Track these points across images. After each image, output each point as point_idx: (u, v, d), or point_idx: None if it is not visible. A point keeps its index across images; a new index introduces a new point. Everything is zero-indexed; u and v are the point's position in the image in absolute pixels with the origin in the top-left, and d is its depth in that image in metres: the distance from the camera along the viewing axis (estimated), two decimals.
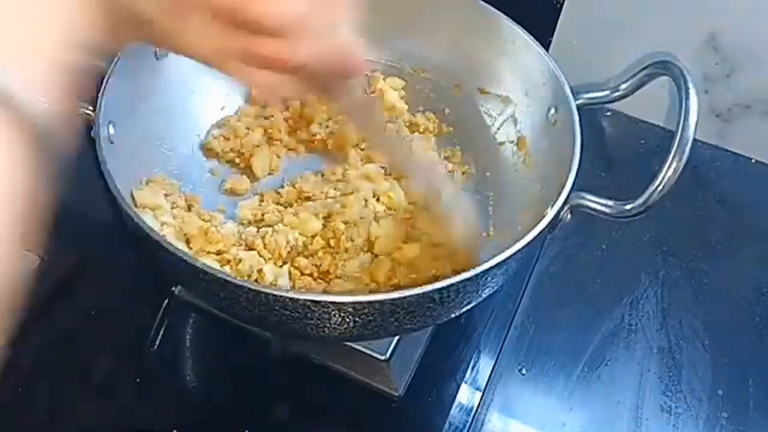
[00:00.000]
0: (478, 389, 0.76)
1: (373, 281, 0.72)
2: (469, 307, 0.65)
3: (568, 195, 0.65)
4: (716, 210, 0.96)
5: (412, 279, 0.73)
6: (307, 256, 0.74)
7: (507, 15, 0.80)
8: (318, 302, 0.56)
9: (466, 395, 0.76)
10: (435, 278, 0.71)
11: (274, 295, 0.56)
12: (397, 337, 0.75)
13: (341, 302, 0.56)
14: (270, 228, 0.76)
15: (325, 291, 0.71)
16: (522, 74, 0.81)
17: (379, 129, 0.76)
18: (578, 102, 0.72)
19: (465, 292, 0.61)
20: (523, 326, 0.82)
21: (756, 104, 0.96)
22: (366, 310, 0.57)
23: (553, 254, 0.89)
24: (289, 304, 0.56)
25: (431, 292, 0.57)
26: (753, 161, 1.02)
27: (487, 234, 0.80)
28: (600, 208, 0.65)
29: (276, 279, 0.72)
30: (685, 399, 0.78)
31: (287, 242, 0.74)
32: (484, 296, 0.65)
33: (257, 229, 0.77)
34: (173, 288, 0.79)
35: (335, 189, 0.81)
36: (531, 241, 0.61)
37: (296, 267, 0.74)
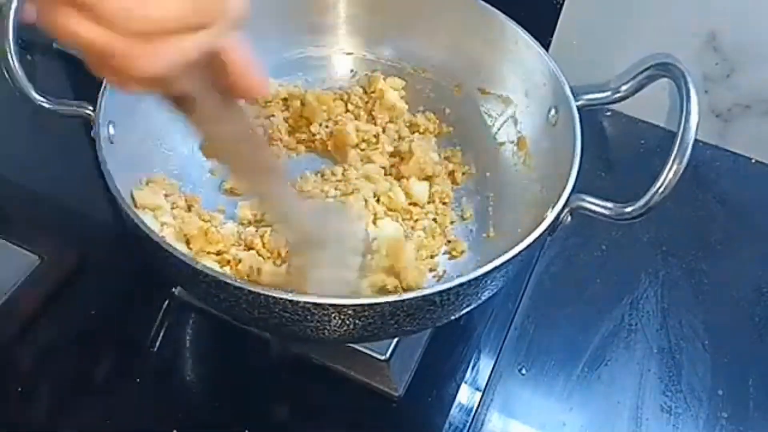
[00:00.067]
0: (478, 389, 0.76)
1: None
2: (469, 310, 0.66)
3: (569, 197, 0.65)
4: (716, 210, 0.96)
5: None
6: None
7: (507, 15, 0.80)
8: (318, 305, 0.56)
9: (466, 395, 0.76)
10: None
11: (274, 298, 0.56)
12: (397, 338, 0.75)
13: (341, 305, 0.56)
14: (269, 228, 0.76)
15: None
16: (522, 74, 0.81)
17: (263, 167, 0.60)
18: (579, 103, 0.72)
19: (465, 295, 0.61)
20: (523, 326, 0.82)
21: (756, 104, 0.96)
22: (366, 313, 0.57)
23: (553, 254, 0.89)
24: (289, 307, 0.56)
25: (431, 295, 0.57)
26: (753, 161, 1.02)
27: (487, 235, 0.80)
28: (600, 210, 0.65)
29: (274, 278, 0.72)
30: (685, 399, 0.78)
31: (287, 242, 0.74)
32: (484, 299, 0.65)
33: (256, 229, 0.77)
34: (173, 288, 0.79)
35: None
36: (531, 244, 0.61)
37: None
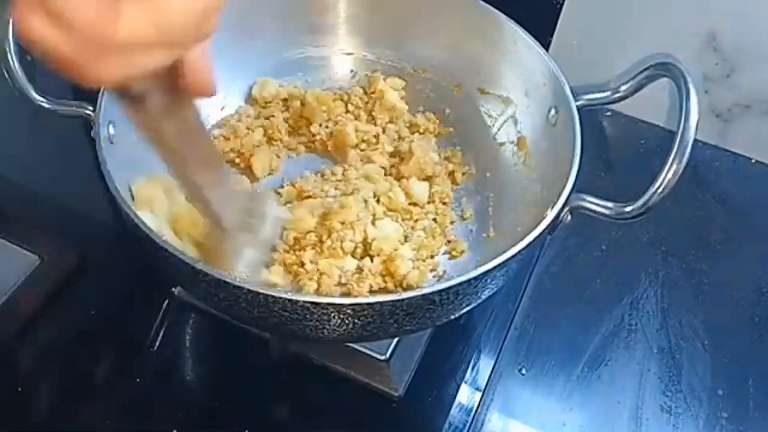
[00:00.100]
0: (478, 389, 0.76)
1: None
2: (469, 309, 0.66)
3: (568, 196, 0.65)
4: (716, 210, 0.96)
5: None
6: (296, 251, 0.75)
7: (507, 15, 0.80)
8: (317, 304, 0.56)
9: (466, 395, 0.76)
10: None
11: (273, 297, 0.56)
12: (397, 338, 0.75)
13: (340, 304, 0.56)
14: None
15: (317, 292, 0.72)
16: (522, 75, 0.81)
17: (206, 163, 0.59)
18: (578, 103, 0.72)
19: (465, 294, 0.61)
20: (523, 326, 0.82)
21: (756, 104, 0.96)
22: (365, 312, 0.57)
23: (553, 254, 0.89)
24: (288, 306, 0.56)
25: (431, 294, 0.57)
26: (753, 161, 1.02)
27: (487, 235, 0.80)
28: (600, 210, 0.65)
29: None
30: (685, 399, 0.78)
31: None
32: (484, 298, 0.65)
33: None
34: (173, 288, 0.79)
35: (335, 189, 0.81)
36: (530, 243, 0.61)
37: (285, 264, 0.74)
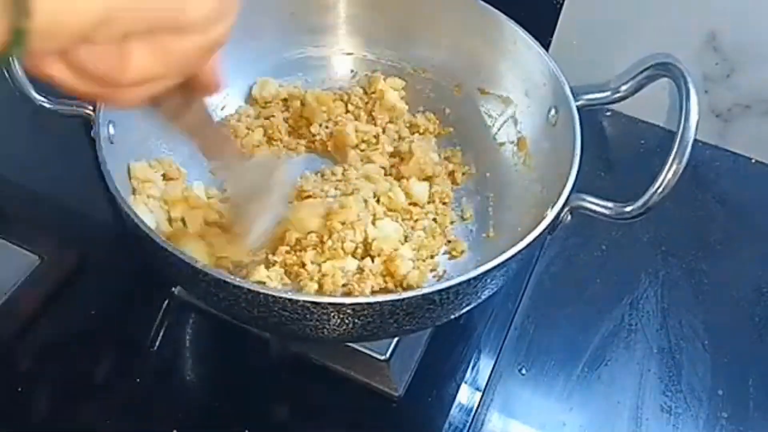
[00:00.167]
0: (478, 389, 0.76)
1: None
2: (469, 309, 0.66)
3: (568, 196, 0.65)
4: (716, 210, 0.96)
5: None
6: (297, 252, 0.75)
7: (507, 15, 0.80)
8: (317, 303, 0.56)
9: (466, 395, 0.76)
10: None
11: (273, 296, 0.56)
12: (397, 338, 0.75)
13: (340, 303, 0.56)
14: None
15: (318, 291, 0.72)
16: (522, 75, 0.81)
17: (221, 153, 0.67)
18: (578, 103, 0.72)
19: (464, 294, 0.61)
20: (523, 326, 0.82)
21: (756, 104, 0.96)
22: (365, 312, 0.57)
23: (553, 254, 0.89)
24: (288, 306, 0.56)
25: (431, 294, 0.57)
26: (753, 161, 1.02)
27: (487, 235, 0.80)
28: (600, 210, 0.65)
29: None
30: (685, 399, 0.78)
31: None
32: (484, 298, 0.65)
33: None
34: (173, 288, 0.79)
35: (335, 189, 0.81)
36: (530, 243, 0.61)
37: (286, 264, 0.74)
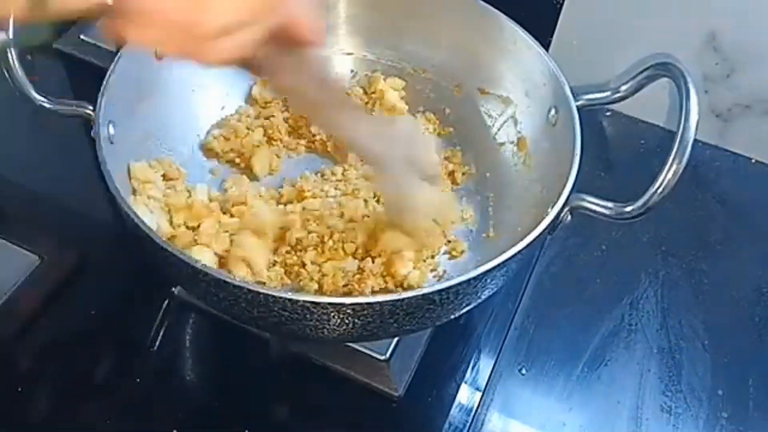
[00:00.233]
0: (478, 389, 0.76)
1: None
2: (469, 309, 0.66)
3: (568, 196, 0.65)
4: (716, 210, 0.96)
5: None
6: (297, 252, 0.75)
7: (507, 15, 0.80)
8: (317, 304, 0.56)
9: (466, 395, 0.76)
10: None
11: (273, 296, 0.56)
12: (397, 338, 0.75)
13: (340, 303, 0.56)
14: None
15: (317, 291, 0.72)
16: (522, 75, 0.81)
17: (336, 103, 0.68)
18: (578, 103, 0.72)
19: (464, 294, 0.61)
20: (523, 326, 0.82)
21: (756, 104, 0.96)
22: (365, 312, 0.57)
23: (553, 254, 0.89)
24: (288, 306, 0.56)
25: (431, 294, 0.57)
26: (753, 161, 1.02)
27: (487, 235, 0.80)
28: (600, 210, 0.65)
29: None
30: (685, 399, 0.78)
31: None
32: (484, 297, 0.65)
33: None
34: (173, 288, 0.79)
35: (335, 189, 0.81)
36: (530, 243, 0.61)
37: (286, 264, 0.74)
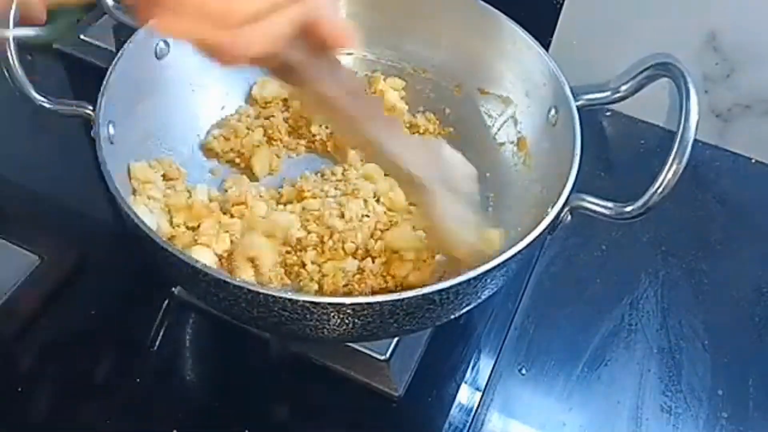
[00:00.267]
0: (478, 389, 0.76)
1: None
2: (469, 309, 0.66)
3: (568, 196, 0.65)
4: (716, 210, 0.96)
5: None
6: (297, 252, 0.75)
7: (507, 15, 0.80)
8: (317, 304, 0.56)
9: (466, 395, 0.76)
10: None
11: (273, 296, 0.56)
12: (397, 338, 0.75)
13: (340, 303, 0.56)
14: None
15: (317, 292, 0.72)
16: (522, 75, 0.81)
17: (375, 118, 0.63)
18: (578, 103, 0.72)
19: (464, 294, 0.61)
20: (523, 326, 0.82)
21: (756, 104, 0.96)
22: (365, 312, 0.57)
23: (553, 254, 0.89)
24: (288, 306, 0.56)
25: (431, 294, 0.57)
26: (753, 161, 1.02)
27: None
28: (600, 210, 0.65)
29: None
30: (685, 399, 0.78)
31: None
32: (484, 297, 0.65)
33: None
34: (173, 288, 0.79)
35: (335, 189, 0.81)
36: (530, 243, 0.61)
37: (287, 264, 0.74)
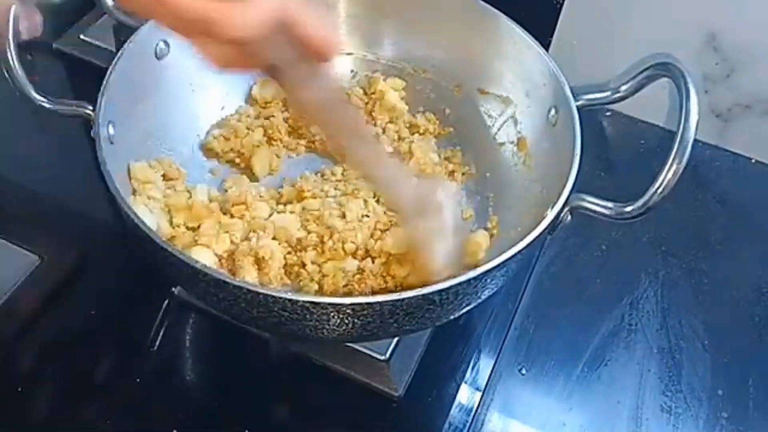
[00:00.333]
0: (478, 389, 0.76)
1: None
2: (468, 309, 0.66)
3: (568, 197, 0.65)
4: (716, 210, 0.96)
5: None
6: (297, 252, 0.75)
7: (507, 15, 0.80)
8: (317, 304, 0.56)
9: (466, 395, 0.76)
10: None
11: (273, 297, 0.56)
12: (397, 338, 0.75)
13: (340, 304, 0.56)
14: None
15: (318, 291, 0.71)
16: (522, 75, 0.81)
17: (354, 132, 0.65)
18: (578, 103, 0.72)
19: (464, 294, 0.61)
20: (523, 326, 0.82)
21: (756, 104, 0.96)
22: (365, 312, 0.57)
23: (553, 254, 0.89)
24: (288, 306, 0.56)
25: (431, 294, 0.57)
26: (753, 161, 1.02)
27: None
28: (600, 210, 0.65)
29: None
30: (685, 399, 0.78)
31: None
32: (483, 298, 0.65)
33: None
34: (173, 288, 0.79)
35: (335, 189, 0.81)
36: (530, 244, 0.61)
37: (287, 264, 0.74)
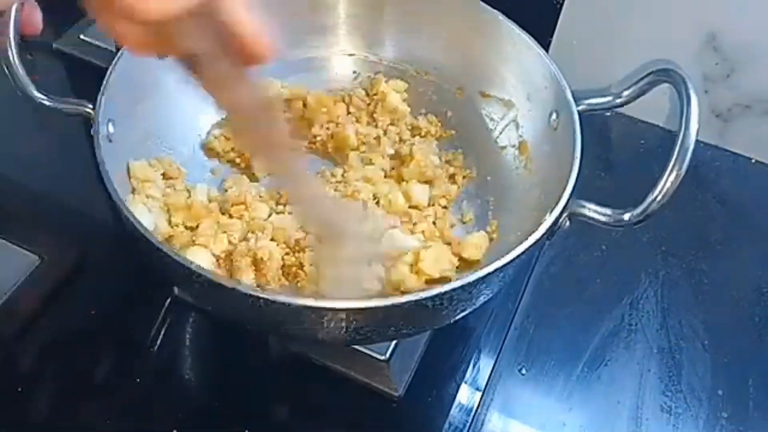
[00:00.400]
0: (478, 389, 0.77)
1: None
2: (465, 314, 0.65)
3: (567, 202, 0.65)
4: (716, 210, 0.96)
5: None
6: (295, 252, 0.75)
7: (506, 15, 0.80)
8: (312, 308, 0.56)
9: (466, 395, 0.76)
10: None
11: (267, 299, 0.56)
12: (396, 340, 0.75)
13: (335, 308, 0.56)
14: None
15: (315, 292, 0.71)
16: (523, 77, 0.81)
17: (277, 146, 0.60)
18: (580, 108, 0.71)
19: (459, 300, 0.61)
20: (523, 326, 0.82)
21: (756, 104, 0.96)
22: (359, 317, 0.57)
23: (553, 254, 0.88)
24: (283, 309, 0.56)
25: (424, 300, 0.57)
26: (753, 161, 1.02)
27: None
28: (598, 217, 0.64)
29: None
30: (685, 399, 0.78)
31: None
32: (479, 303, 0.65)
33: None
34: (173, 288, 0.79)
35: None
36: (527, 249, 0.61)
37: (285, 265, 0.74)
